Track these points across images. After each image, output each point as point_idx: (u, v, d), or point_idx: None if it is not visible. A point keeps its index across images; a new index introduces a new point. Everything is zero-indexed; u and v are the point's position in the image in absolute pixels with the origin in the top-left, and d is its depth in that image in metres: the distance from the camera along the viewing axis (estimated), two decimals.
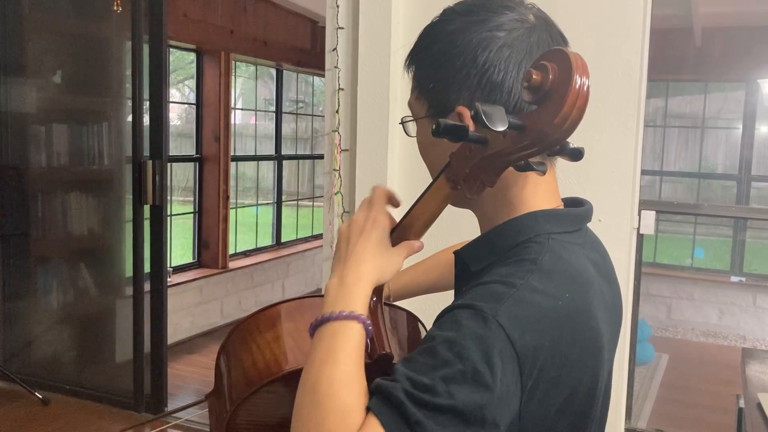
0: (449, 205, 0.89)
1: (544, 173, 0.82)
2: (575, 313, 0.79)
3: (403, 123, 0.95)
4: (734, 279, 6.59)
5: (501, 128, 0.69)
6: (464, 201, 0.88)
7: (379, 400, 0.72)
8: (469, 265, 0.88)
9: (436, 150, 0.88)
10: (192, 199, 5.56)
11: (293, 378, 0.88)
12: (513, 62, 0.83)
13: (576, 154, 0.78)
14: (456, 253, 0.91)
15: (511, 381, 0.72)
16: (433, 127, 0.73)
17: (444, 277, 1.25)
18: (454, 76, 0.85)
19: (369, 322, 0.81)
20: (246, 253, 6.06)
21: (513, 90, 0.83)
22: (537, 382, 0.74)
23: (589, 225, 0.95)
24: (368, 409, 0.72)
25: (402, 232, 0.90)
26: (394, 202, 0.92)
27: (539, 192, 0.88)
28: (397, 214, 0.93)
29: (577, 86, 0.66)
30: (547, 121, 0.68)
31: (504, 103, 0.82)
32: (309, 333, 0.82)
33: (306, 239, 6.88)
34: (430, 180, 0.88)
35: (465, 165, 0.78)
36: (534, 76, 0.69)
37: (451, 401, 0.69)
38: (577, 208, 0.91)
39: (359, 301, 0.81)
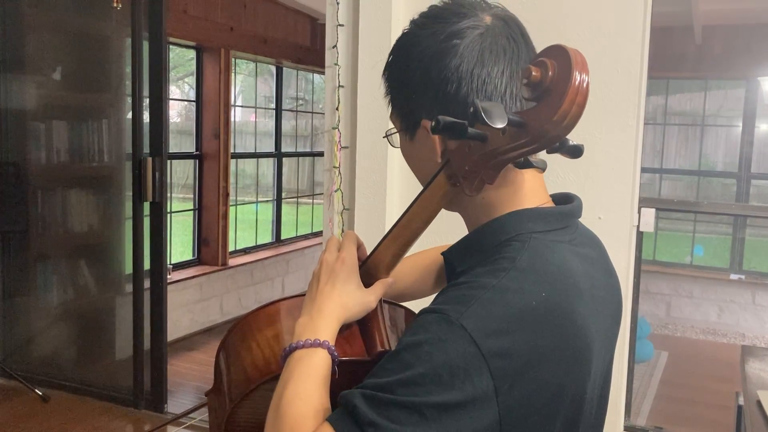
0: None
1: (544, 170, 0.82)
2: (552, 313, 0.77)
3: (387, 136, 0.97)
4: (734, 276, 6.59)
5: (500, 125, 0.69)
6: (455, 202, 0.89)
7: (338, 408, 0.74)
8: (455, 266, 0.88)
9: (419, 159, 0.89)
10: (192, 196, 5.56)
11: None
12: (464, 72, 0.82)
13: (575, 152, 0.78)
14: (443, 254, 0.91)
15: (480, 384, 0.71)
16: (433, 123, 0.73)
17: (416, 284, 1.21)
18: (414, 91, 0.86)
19: (334, 348, 0.85)
20: (246, 251, 6.06)
21: (469, 100, 0.82)
22: (514, 384, 0.73)
23: (589, 222, 0.95)
24: (326, 421, 0.75)
25: (401, 232, 0.90)
26: (361, 251, 0.97)
27: (523, 190, 0.87)
28: (399, 207, 0.93)
29: (577, 83, 0.66)
30: (547, 118, 0.68)
31: (461, 114, 0.80)
32: (279, 364, 0.87)
33: (306, 236, 6.88)
34: None
35: (464, 162, 0.78)
36: (533, 73, 0.68)
37: (409, 399, 0.70)
38: (564, 205, 0.90)
39: (325, 332, 0.86)
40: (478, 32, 0.84)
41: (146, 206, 3.57)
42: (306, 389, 0.80)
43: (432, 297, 0.85)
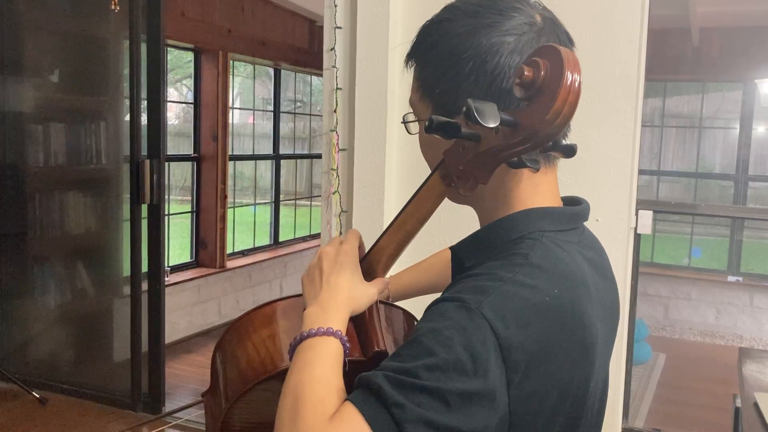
0: (449, 205, 0.89)
1: (537, 170, 0.82)
2: (563, 310, 0.78)
3: (405, 122, 0.94)
4: (731, 279, 6.60)
5: (492, 125, 0.69)
6: (462, 197, 0.89)
7: (359, 388, 0.72)
8: (463, 261, 0.88)
9: (438, 149, 0.87)
10: (190, 198, 5.56)
11: None
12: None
13: (569, 151, 0.78)
14: (452, 248, 0.91)
15: (496, 374, 0.71)
16: (426, 123, 0.73)
17: (441, 275, 1.26)
18: (462, 81, 0.83)
19: (346, 339, 0.84)
20: (244, 253, 6.06)
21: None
22: (525, 377, 0.73)
23: (587, 225, 0.95)
24: (345, 400, 0.72)
25: (396, 232, 0.90)
26: (360, 250, 0.96)
27: (539, 191, 0.87)
28: (397, 209, 0.93)
29: (569, 82, 0.66)
30: (539, 118, 0.68)
31: (513, 108, 0.81)
32: (288, 355, 0.85)
33: (304, 239, 6.88)
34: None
35: (459, 162, 0.78)
36: (526, 73, 0.69)
37: (433, 384, 0.69)
38: (573, 207, 0.91)
39: (336, 322, 0.85)
40: (535, 30, 0.84)
41: (144, 208, 3.57)
42: (323, 373, 0.79)
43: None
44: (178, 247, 6.04)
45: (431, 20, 0.89)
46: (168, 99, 4.98)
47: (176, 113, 7.48)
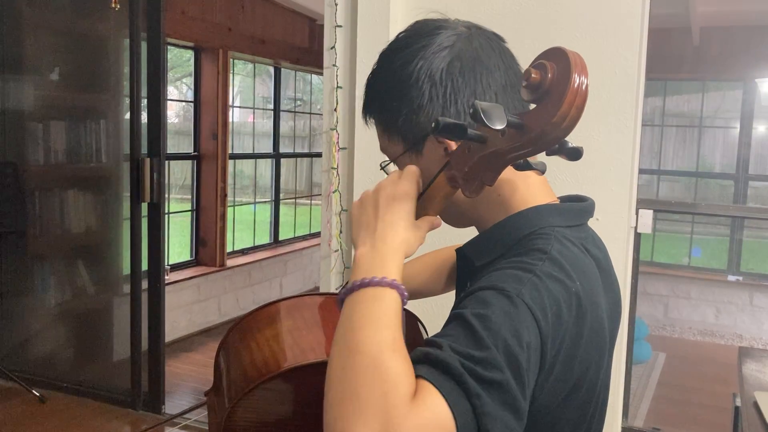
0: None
1: (543, 172, 0.82)
2: (585, 303, 0.80)
3: (383, 168, 0.96)
4: (731, 278, 6.60)
5: (500, 127, 0.69)
6: (459, 217, 0.92)
7: (434, 369, 0.68)
8: (473, 261, 0.89)
9: (432, 171, 0.87)
10: (190, 197, 5.56)
11: (291, 375, 0.89)
12: (467, 72, 0.87)
13: (574, 154, 0.78)
14: (458, 250, 0.92)
15: (534, 360, 0.72)
16: (432, 125, 0.73)
17: (430, 281, 1.24)
18: (419, 102, 0.88)
19: (407, 294, 0.77)
20: (244, 251, 6.06)
21: (477, 96, 0.87)
22: (553, 365, 0.75)
23: (588, 223, 0.96)
24: (419, 377, 0.68)
25: None
26: (419, 187, 0.88)
27: (532, 188, 0.90)
28: None
29: (576, 85, 0.66)
30: (546, 120, 0.68)
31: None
32: (338, 300, 0.78)
33: (304, 237, 6.88)
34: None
35: (464, 164, 0.78)
36: (533, 75, 0.68)
37: (502, 376, 0.68)
38: (579, 203, 0.93)
39: (394, 269, 0.77)
40: (464, 37, 0.89)
41: (144, 207, 3.57)
42: (396, 338, 0.71)
43: (443, 296, 0.85)
44: (178, 246, 6.04)
45: (371, 73, 0.94)
46: (168, 97, 4.97)
47: (176, 111, 7.47)
